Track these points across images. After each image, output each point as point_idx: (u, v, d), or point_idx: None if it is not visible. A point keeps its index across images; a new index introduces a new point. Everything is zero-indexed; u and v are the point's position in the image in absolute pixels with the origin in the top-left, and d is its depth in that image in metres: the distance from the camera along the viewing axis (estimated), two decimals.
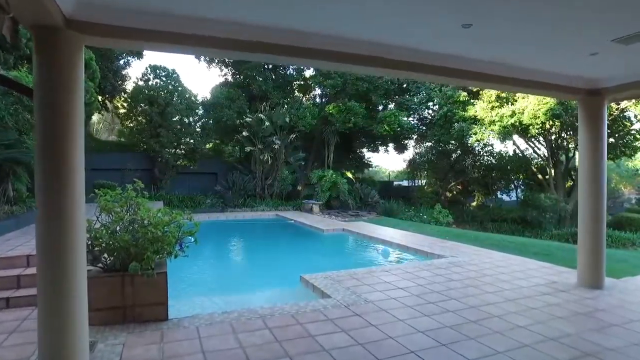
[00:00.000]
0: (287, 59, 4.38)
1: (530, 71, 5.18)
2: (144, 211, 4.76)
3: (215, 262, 9.44)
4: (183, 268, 7.89)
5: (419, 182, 28.66)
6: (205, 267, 8.46)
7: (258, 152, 20.68)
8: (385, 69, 4.72)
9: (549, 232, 19.53)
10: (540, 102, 17.28)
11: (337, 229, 13.15)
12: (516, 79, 5.21)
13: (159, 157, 19.80)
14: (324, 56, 4.24)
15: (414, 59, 4.56)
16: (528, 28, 3.76)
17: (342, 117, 20.90)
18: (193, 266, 8.45)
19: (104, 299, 4.26)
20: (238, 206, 19.57)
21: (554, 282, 6.32)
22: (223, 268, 8.79)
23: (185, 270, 7.56)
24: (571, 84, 5.67)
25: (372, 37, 4.05)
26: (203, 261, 9.04)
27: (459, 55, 4.63)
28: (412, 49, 4.39)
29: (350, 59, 4.32)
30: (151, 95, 19.28)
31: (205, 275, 7.88)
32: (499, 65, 4.94)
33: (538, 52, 4.50)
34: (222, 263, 9.36)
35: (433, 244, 9.83)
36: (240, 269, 8.84)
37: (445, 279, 6.45)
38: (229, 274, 8.24)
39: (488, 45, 4.34)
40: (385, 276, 6.58)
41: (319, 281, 6.27)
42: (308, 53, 4.17)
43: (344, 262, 8.89)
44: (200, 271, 8.05)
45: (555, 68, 5.17)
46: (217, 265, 9.04)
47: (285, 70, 24.42)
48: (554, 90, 5.69)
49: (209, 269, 8.39)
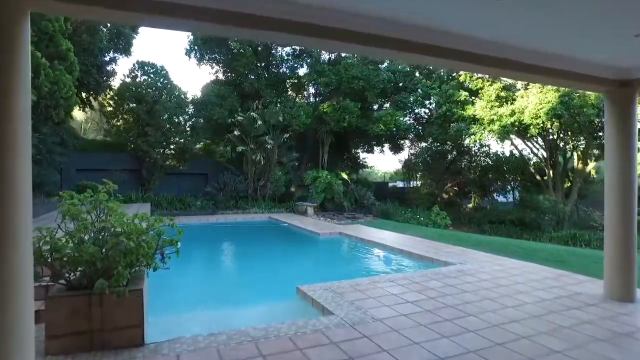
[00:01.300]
0: (301, 39, 3.70)
1: (560, 58, 4.60)
2: (116, 217, 4.08)
3: (203, 271, 8.69)
4: (165, 279, 7.18)
5: (414, 183, 28.17)
6: (191, 278, 7.73)
7: (250, 152, 19.98)
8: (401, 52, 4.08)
9: (548, 235, 19.09)
10: (541, 101, 16.83)
11: (333, 233, 12.50)
12: (549, 69, 4.62)
13: (146, 157, 19.04)
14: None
15: (439, 42, 3.95)
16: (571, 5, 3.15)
17: (337, 116, 20.29)
18: (177, 277, 7.75)
19: (66, 323, 3.57)
20: (229, 208, 18.86)
21: (577, 293, 5.74)
22: (211, 278, 8.05)
23: (168, 282, 6.84)
24: (600, 74, 5.10)
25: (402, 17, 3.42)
26: (189, 270, 8.33)
27: (490, 41, 4.02)
28: (442, 31, 3.78)
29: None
30: (139, 93, 18.51)
31: (190, 287, 7.15)
32: (530, 53, 4.35)
33: (575, 34, 3.91)
34: (210, 272, 8.61)
35: (438, 250, 9.23)
36: (230, 278, 8.11)
37: (458, 290, 5.84)
38: (217, 285, 7.50)
39: (525, 28, 3.74)
40: (391, 287, 5.95)
41: (319, 293, 5.62)
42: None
43: (343, 270, 8.27)
44: (185, 282, 7.34)
45: (589, 54, 4.59)
46: (205, 275, 8.30)
47: (278, 68, 23.76)
48: (580, 82, 5.10)
49: (195, 280, 7.66)
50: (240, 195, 19.93)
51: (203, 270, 8.66)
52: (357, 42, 3.69)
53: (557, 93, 16.68)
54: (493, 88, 19.24)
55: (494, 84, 19.80)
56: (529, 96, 18.05)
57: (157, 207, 17.66)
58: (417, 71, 23.38)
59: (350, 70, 20.15)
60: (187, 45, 22.59)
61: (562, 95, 16.49)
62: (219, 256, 10.56)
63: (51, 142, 12.67)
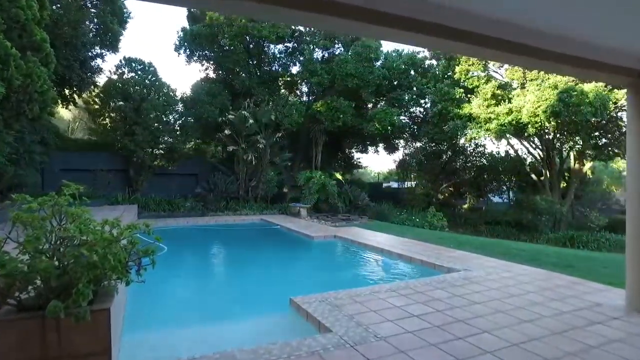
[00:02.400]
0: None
1: (584, 46, 4.12)
2: (78, 225, 3.49)
3: (188, 280, 8.02)
4: (144, 291, 6.60)
5: (408, 183, 27.76)
6: (175, 288, 7.14)
7: (241, 151, 19.37)
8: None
9: (545, 236, 18.79)
10: (539, 99, 16.47)
11: (327, 236, 11.96)
12: (573, 57, 4.14)
13: (134, 157, 18.33)
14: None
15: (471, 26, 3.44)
16: None
17: (331, 115, 19.77)
18: (160, 286, 7.17)
19: (13, 352, 2.99)
20: (220, 210, 18.23)
21: (596, 304, 5.27)
22: (197, 288, 7.42)
23: (146, 294, 6.27)
24: (625, 64, 4.62)
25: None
26: (173, 279, 7.73)
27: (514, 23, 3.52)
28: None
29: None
30: (125, 90, 17.82)
31: (174, 298, 6.55)
32: (555, 39, 3.87)
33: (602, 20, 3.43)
34: (196, 281, 7.96)
35: (439, 254, 8.74)
36: (217, 288, 7.47)
37: (466, 301, 5.33)
38: (203, 295, 6.88)
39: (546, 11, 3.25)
40: (393, 298, 5.43)
41: (314, 306, 5.08)
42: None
43: (340, 278, 7.75)
44: (168, 293, 6.75)
45: (614, 42, 4.12)
46: (190, 285, 7.66)
47: (270, 66, 23.16)
48: (604, 72, 4.62)
49: (179, 290, 7.04)
50: (232, 196, 19.31)
51: (188, 279, 8.04)
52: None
53: (555, 91, 16.34)
54: (489, 86, 18.88)
55: (489, 82, 19.46)
56: (525, 95, 17.70)
57: (144, 208, 17.01)
58: (411, 69, 22.94)
59: (343, 68, 19.63)
60: (177, 42, 21.92)
61: (561, 92, 16.14)
62: (206, 263, 9.92)
63: (30, 140, 11.98)
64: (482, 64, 19.46)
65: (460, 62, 19.91)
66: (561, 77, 17.10)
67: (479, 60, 18.31)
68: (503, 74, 20.51)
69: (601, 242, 17.45)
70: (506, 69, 19.83)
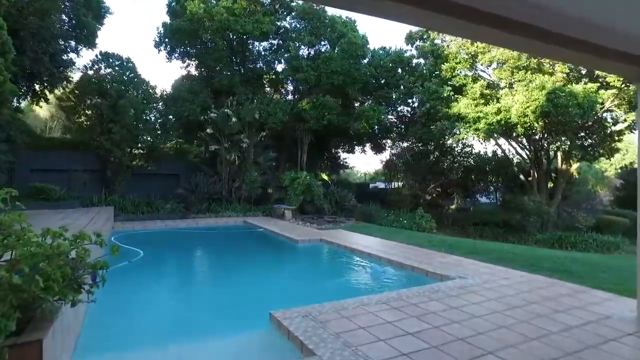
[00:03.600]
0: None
1: (598, 30, 3.65)
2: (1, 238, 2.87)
3: (159, 289, 7.23)
4: (108, 305, 5.93)
5: (396, 184, 27.38)
6: (143, 299, 6.48)
7: (224, 151, 18.70)
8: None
9: (534, 237, 18.58)
10: (528, 99, 16.20)
11: (313, 240, 11.39)
12: (583, 42, 3.67)
13: (111, 157, 17.49)
14: None
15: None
16: None
17: (317, 114, 19.20)
18: (127, 297, 6.52)
19: None
20: (201, 212, 17.52)
21: (605, 316, 4.82)
22: (168, 299, 6.69)
23: (111, 307, 5.64)
24: None
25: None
26: (143, 288, 7.09)
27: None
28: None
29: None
30: (101, 86, 16.99)
31: (140, 312, 5.88)
32: (576, 24, 3.39)
33: None
34: (168, 291, 7.20)
35: (430, 259, 8.26)
36: (190, 299, 6.75)
37: (465, 314, 4.83)
38: (174, 308, 6.19)
39: None
40: (384, 312, 4.90)
41: (296, 323, 4.52)
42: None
43: (326, 287, 7.20)
44: (134, 306, 6.10)
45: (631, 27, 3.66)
46: (161, 295, 6.90)
47: (255, 64, 22.49)
48: (617, 62, 4.17)
49: (147, 302, 6.36)
50: (214, 198, 18.60)
51: (161, 289, 7.35)
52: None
53: (543, 91, 16.10)
54: (477, 85, 18.58)
55: (477, 82, 19.17)
56: (514, 95, 17.44)
57: (121, 210, 16.20)
58: (399, 67, 22.56)
59: (329, 65, 19.10)
60: (157, 38, 21.10)
61: (549, 92, 15.90)
62: (182, 270, 9.19)
63: None
64: (469, 62, 19.15)
65: (447, 60, 19.57)
66: (549, 77, 16.90)
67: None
68: (491, 74, 20.26)
69: (589, 242, 17.31)
70: (494, 68, 19.58)
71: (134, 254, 9.62)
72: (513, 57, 17.00)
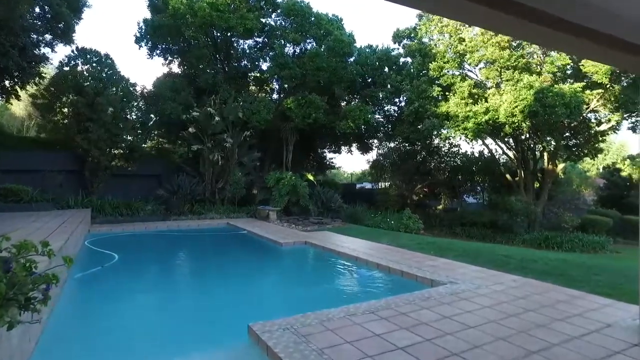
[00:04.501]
0: None
1: (606, 16, 3.33)
2: None
3: (131, 297, 6.65)
4: (72, 315, 5.45)
5: (382, 184, 27.14)
6: (113, 309, 5.97)
7: (207, 151, 18.14)
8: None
9: (521, 237, 18.52)
10: (516, 98, 16.06)
11: (297, 242, 10.97)
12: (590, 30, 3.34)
13: (89, 157, 16.80)
14: None
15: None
16: None
17: (302, 113, 18.78)
18: (94, 306, 6.04)
19: None
20: (183, 213, 16.96)
21: (606, 324, 4.54)
22: (140, 308, 6.15)
23: (75, 318, 5.16)
24: None
25: None
26: (114, 296, 6.59)
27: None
28: None
29: None
30: (78, 83, 16.30)
31: (105, 326, 5.34)
32: (583, 8, 3.06)
33: None
34: (141, 299, 6.63)
35: (420, 263, 7.93)
36: (164, 308, 6.21)
37: (459, 325, 4.49)
38: (146, 319, 5.66)
39: None
40: (372, 323, 4.53)
41: (277, 337, 4.12)
42: None
43: (309, 294, 6.80)
44: (101, 317, 5.60)
45: None
46: (133, 304, 6.35)
47: (239, 62, 21.98)
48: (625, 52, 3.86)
49: (113, 315, 5.80)
50: (197, 199, 18.03)
51: (133, 296, 6.81)
52: None
53: (530, 91, 15.99)
54: (465, 84, 18.42)
55: (465, 81, 19.01)
56: (502, 94, 17.31)
57: (99, 212, 15.55)
58: (385, 66, 22.30)
59: (315, 62, 18.71)
60: (137, 34, 20.42)
61: (537, 92, 15.79)
62: (158, 276, 8.60)
63: None
64: (457, 62, 18.97)
65: (435, 59, 19.36)
66: (537, 77, 16.81)
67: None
68: (478, 73, 20.14)
69: (575, 242, 17.31)
70: (480, 68, 19.46)
71: (108, 258, 9.10)
72: (502, 56, 16.86)
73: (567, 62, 16.92)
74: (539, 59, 18.28)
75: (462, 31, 18.73)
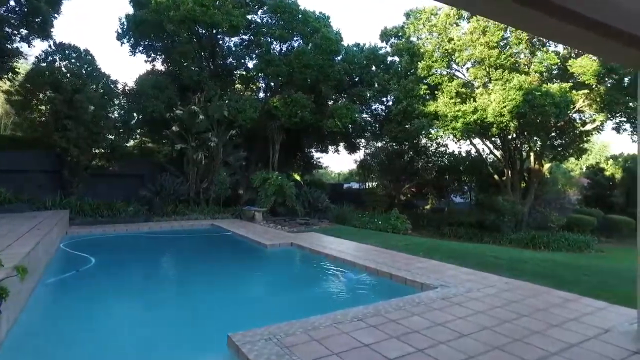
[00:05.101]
0: None
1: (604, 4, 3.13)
2: None
3: (105, 304, 6.26)
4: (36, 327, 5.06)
5: (370, 184, 26.97)
6: (80, 319, 5.56)
7: (191, 150, 17.69)
8: None
9: (508, 237, 18.54)
10: (505, 99, 16.00)
11: (283, 244, 10.66)
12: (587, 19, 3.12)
13: (68, 156, 16.21)
14: None
15: None
16: None
17: (289, 111, 18.44)
18: (65, 315, 5.66)
19: None
20: (167, 214, 16.50)
21: (604, 330, 4.35)
22: (110, 319, 5.58)
23: (44, 329, 4.78)
24: None
25: None
26: (86, 305, 6.18)
27: None
28: None
29: None
30: (56, 79, 15.70)
31: (73, 337, 4.95)
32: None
33: None
34: (116, 306, 6.14)
35: (409, 264, 7.70)
36: (140, 317, 5.79)
37: (452, 332, 4.25)
38: (116, 330, 5.24)
39: None
40: (361, 331, 4.27)
41: (258, 348, 3.82)
42: None
43: (294, 300, 6.50)
44: (72, 326, 5.22)
45: None
46: (107, 311, 5.90)
47: (224, 59, 21.54)
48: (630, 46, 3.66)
49: (85, 323, 5.39)
50: (181, 199, 17.58)
51: (108, 303, 6.40)
52: None
53: (520, 91, 15.96)
54: (453, 84, 18.34)
55: (453, 81, 18.94)
56: (490, 94, 17.27)
57: (78, 214, 15.03)
58: (373, 65, 22.12)
59: (302, 59, 18.41)
60: (119, 29, 19.84)
61: (526, 93, 15.77)
62: (136, 281, 8.00)
63: None
64: (445, 61, 18.88)
65: (423, 59, 19.24)
66: (525, 76, 16.80)
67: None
68: (465, 73, 20.10)
69: (561, 242, 17.41)
70: (468, 68, 19.41)
71: (83, 262, 8.67)
72: (491, 55, 16.80)
73: (555, 61, 16.95)
74: (527, 59, 18.29)
75: (451, 30, 18.65)
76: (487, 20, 16.91)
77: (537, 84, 16.71)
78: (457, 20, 18.98)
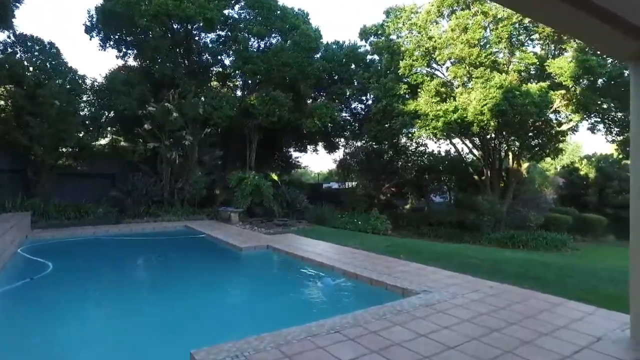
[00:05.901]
0: None
1: None
2: None
3: (53, 318, 5.59)
4: None
5: (349, 184, 26.70)
6: (27, 334, 4.98)
7: (164, 149, 17.00)
8: None
9: (487, 236, 18.52)
10: (485, 97, 15.92)
11: (259, 247, 10.18)
12: None
13: (31, 155, 15.31)
14: None
15: None
16: None
17: (266, 110, 17.95)
18: (12, 331, 5.07)
19: None
20: (139, 216, 15.84)
21: (595, 337, 4.08)
22: (59, 335, 5.01)
23: None
24: None
25: None
26: (30, 319, 5.59)
27: None
28: None
29: None
30: (16, 73, 14.79)
31: (17, 356, 4.43)
32: None
33: None
34: (65, 322, 5.54)
35: (389, 268, 7.35)
36: (91, 333, 5.15)
37: (438, 345, 3.89)
38: (67, 347, 4.72)
39: None
40: (338, 345, 3.87)
41: None
42: None
43: (266, 310, 6.05)
44: (11, 347, 4.64)
45: None
46: (51, 329, 5.19)
47: (200, 56, 20.86)
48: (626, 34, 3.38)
49: (33, 339, 4.85)
50: (154, 200, 16.88)
51: (57, 318, 5.66)
52: None
53: (500, 90, 15.91)
54: (433, 83, 18.19)
55: (433, 80, 18.81)
56: (469, 92, 17.18)
57: (42, 216, 14.20)
58: (352, 63, 21.83)
59: (281, 56, 17.94)
60: (87, 22, 18.92)
61: (506, 91, 15.72)
62: (92, 290, 7.28)
63: None
64: (426, 60, 18.72)
65: (404, 57, 19.03)
66: (506, 75, 16.77)
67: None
68: (445, 72, 20.01)
69: (539, 241, 17.49)
70: (447, 67, 19.33)
71: (40, 269, 8.00)
72: (472, 53, 16.70)
73: (533, 61, 16.99)
74: (506, 58, 18.30)
75: (431, 28, 18.52)
76: (468, 18, 16.82)
77: (517, 83, 16.71)
78: (437, 19, 18.87)
